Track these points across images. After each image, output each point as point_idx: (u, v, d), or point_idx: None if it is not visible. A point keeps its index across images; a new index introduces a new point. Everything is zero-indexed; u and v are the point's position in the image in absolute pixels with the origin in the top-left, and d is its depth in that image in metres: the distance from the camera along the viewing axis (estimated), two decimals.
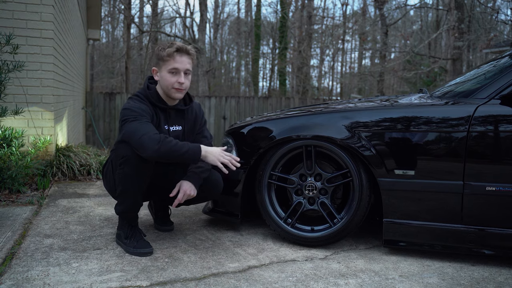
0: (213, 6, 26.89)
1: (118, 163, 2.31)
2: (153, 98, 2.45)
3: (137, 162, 2.25)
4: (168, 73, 2.40)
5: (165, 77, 2.42)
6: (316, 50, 23.63)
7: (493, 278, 2.16)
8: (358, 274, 2.18)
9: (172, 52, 2.38)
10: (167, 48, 2.39)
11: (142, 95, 2.45)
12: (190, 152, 2.23)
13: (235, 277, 2.10)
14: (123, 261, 2.27)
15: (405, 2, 16.58)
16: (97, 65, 22.89)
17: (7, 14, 4.00)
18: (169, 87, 2.42)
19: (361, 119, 2.48)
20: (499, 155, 2.26)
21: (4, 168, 3.68)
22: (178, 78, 2.41)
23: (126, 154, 2.26)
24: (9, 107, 3.37)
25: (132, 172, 2.27)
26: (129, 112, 2.31)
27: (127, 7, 14.77)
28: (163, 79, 2.43)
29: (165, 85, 2.43)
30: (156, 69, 2.47)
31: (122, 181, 2.32)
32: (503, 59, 2.70)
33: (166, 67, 2.40)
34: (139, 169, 2.27)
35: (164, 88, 2.45)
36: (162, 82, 2.45)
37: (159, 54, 2.41)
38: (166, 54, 2.38)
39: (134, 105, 2.36)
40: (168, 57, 2.38)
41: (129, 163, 2.26)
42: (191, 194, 2.40)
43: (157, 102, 2.46)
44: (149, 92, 2.46)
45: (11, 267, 2.14)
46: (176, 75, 2.41)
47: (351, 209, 2.49)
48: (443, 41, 20.28)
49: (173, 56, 2.38)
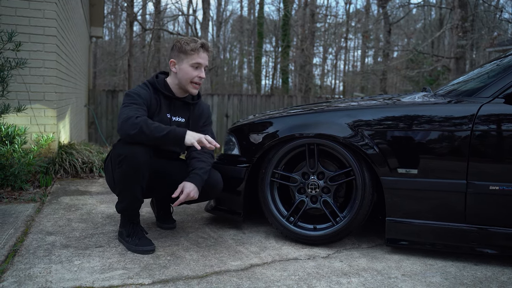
0: (216, 4, 26.91)
1: (116, 162, 2.32)
2: (159, 85, 2.51)
3: (135, 160, 2.25)
4: (190, 66, 2.46)
5: (186, 70, 2.47)
6: (319, 48, 23.58)
7: (496, 278, 2.15)
8: (361, 273, 2.17)
9: (198, 47, 2.46)
10: (191, 43, 2.46)
11: (148, 82, 2.53)
12: (172, 133, 2.24)
13: (237, 275, 2.10)
14: (125, 258, 2.27)
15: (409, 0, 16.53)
16: (100, 62, 22.89)
17: (10, 11, 4.00)
18: (189, 80, 2.48)
19: (364, 117, 2.47)
20: (503, 154, 2.25)
21: (7, 165, 3.69)
22: (199, 73, 2.48)
23: (123, 152, 2.27)
24: (11, 104, 3.38)
25: (130, 170, 2.27)
26: (125, 98, 2.40)
27: (129, 4, 14.76)
28: (183, 72, 2.48)
29: (184, 78, 2.48)
30: (175, 61, 2.51)
31: (121, 180, 2.33)
32: (507, 58, 2.68)
33: (189, 60, 2.46)
34: (137, 167, 2.27)
35: (182, 81, 2.50)
36: (181, 75, 2.49)
37: (182, 47, 2.46)
38: (191, 48, 2.45)
39: (133, 90, 2.43)
40: (192, 51, 2.45)
41: (126, 162, 2.26)
42: (194, 196, 2.39)
43: (163, 90, 2.51)
44: (157, 80, 2.53)
45: (14, 264, 2.14)
46: (197, 70, 2.48)
47: (354, 208, 2.48)
48: (446, 39, 20.21)
49: (198, 51, 2.46)
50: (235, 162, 2.77)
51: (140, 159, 2.26)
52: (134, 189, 2.33)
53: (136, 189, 2.34)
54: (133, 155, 2.24)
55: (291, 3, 20.55)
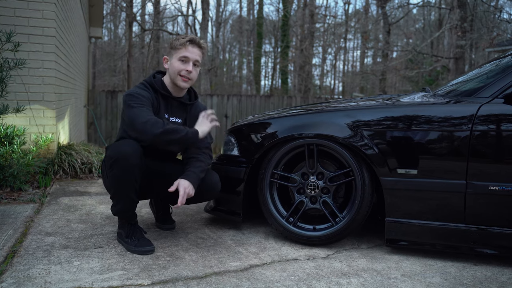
0: (215, 5, 26.89)
1: (108, 166, 2.32)
2: (157, 85, 2.52)
3: (126, 163, 2.25)
4: (178, 60, 2.49)
5: (174, 64, 2.50)
6: (318, 48, 23.59)
7: (496, 278, 2.15)
8: (360, 273, 2.17)
9: (185, 42, 2.49)
10: (181, 39, 2.50)
11: (146, 82, 2.54)
12: (190, 134, 2.34)
13: (236, 276, 2.09)
14: (125, 259, 2.26)
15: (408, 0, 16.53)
16: (99, 63, 22.88)
17: (9, 11, 4.00)
18: (176, 73, 2.49)
19: (364, 118, 2.47)
20: (502, 154, 2.25)
21: (6, 166, 3.68)
22: (186, 66, 2.49)
23: (113, 156, 2.28)
24: (10, 105, 3.37)
25: (122, 173, 2.27)
26: (130, 98, 2.38)
27: (129, 5, 14.76)
28: (172, 66, 2.51)
29: (172, 72, 2.51)
30: (167, 58, 2.56)
31: (113, 183, 2.33)
32: (506, 58, 2.68)
33: (177, 55, 2.49)
34: (129, 169, 2.27)
35: (171, 75, 2.52)
36: (170, 70, 2.52)
37: (172, 43, 2.53)
38: (179, 43, 2.49)
39: (136, 91, 2.43)
40: (180, 46, 2.49)
41: (118, 165, 2.26)
42: (190, 193, 2.38)
43: (161, 89, 2.52)
44: (154, 80, 2.54)
45: (13, 265, 2.14)
46: (185, 63, 2.49)
47: (353, 208, 2.48)
48: (445, 40, 20.22)
49: (185, 45, 2.49)
50: (234, 163, 2.77)
51: (131, 161, 2.26)
52: (127, 190, 2.33)
53: (129, 190, 2.33)
54: (124, 157, 2.25)
55: (290, 3, 20.56)
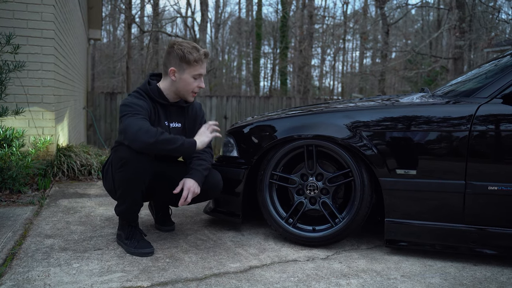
0: (214, 6, 26.92)
1: (118, 166, 2.30)
2: (154, 93, 2.46)
3: (137, 164, 2.25)
4: (192, 77, 2.43)
5: (188, 81, 2.42)
6: (317, 49, 23.62)
7: (495, 278, 2.15)
8: (360, 274, 2.17)
9: (202, 58, 2.41)
10: (194, 53, 2.38)
11: (142, 90, 2.46)
12: (186, 145, 2.28)
13: (236, 277, 2.09)
14: (124, 261, 2.26)
15: (406, 1, 16.57)
16: (98, 65, 22.89)
17: (8, 14, 4.00)
18: (189, 91, 2.46)
19: (363, 118, 2.47)
20: (501, 154, 2.25)
21: (5, 168, 3.68)
22: (199, 83, 2.46)
23: (125, 156, 2.25)
24: (9, 107, 3.37)
25: (131, 174, 2.27)
26: (125, 108, 2.32)
27: (127, 7, 14.77)
28: (184, 82, 2.43)
29: (184, 89, 2.45)
30: (175, 70, 2.42)
31: (121, 183, 2.32)
32: (504, 58, 2.69)
33: (191, 71, 2.41)
34: (140, 171, 2.27)
35: (182, 91, 2.46)
36: (181, 85, 2.44)
37: (185, 57, 2.37)
38: (194, 59, 2.38)
39: (132, 101, 2.37)
40: (196, 62, 2.39)
41: (128, 166, 2.25)
42: (195, 191, 2.39)
43: (158, 98, 2.46)
44: (150, 88, 2.46)
45: (12, 267, 2.13)
46: (197, 80, 2.45)
47: (353, 209, 2.48)
48: (444, 40, 20.25)
49: (202, 62, 2.42)
50: (233, 164, 2.77)
51: (142, 164, 2.25)
52: (135, 193, 2.33)
53: (137, 193, 2.33)
54: (136, 159, 2.23)
55: (289, 4, 20.58)
